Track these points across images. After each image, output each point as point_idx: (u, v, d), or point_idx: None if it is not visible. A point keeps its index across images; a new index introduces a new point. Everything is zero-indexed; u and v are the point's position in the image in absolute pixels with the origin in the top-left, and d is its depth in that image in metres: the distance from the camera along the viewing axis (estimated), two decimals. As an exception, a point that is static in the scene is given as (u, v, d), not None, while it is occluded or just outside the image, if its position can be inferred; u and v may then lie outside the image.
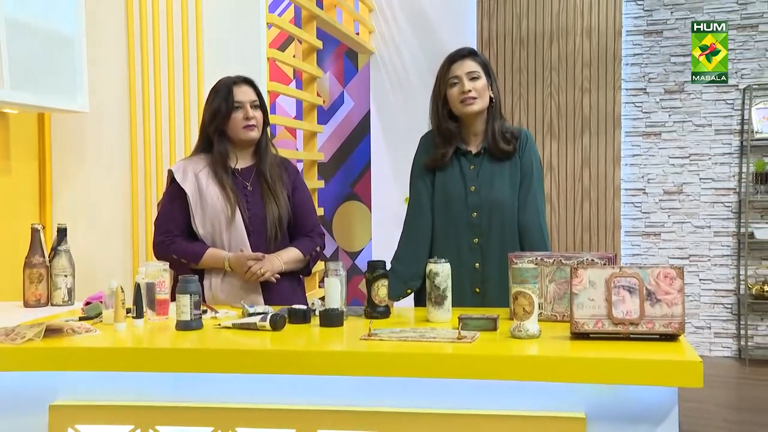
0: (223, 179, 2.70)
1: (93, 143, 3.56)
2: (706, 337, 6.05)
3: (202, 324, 2.20)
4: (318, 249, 2.82)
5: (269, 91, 3.69)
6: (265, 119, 2.79)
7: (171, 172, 2.75)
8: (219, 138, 2.73)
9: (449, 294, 2.27)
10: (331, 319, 2.18)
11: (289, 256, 2.73)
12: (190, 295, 2.14)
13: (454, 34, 5.30)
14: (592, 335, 1.91)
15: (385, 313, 2.32)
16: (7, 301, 2.90)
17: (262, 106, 2.78)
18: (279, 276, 2.68)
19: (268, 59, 3.68)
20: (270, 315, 2.15)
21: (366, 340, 1.98)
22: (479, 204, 2.66)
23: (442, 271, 2.26)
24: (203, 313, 2.29)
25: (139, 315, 2.23)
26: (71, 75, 3.28)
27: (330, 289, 2.20)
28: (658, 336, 1.90)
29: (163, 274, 2.32)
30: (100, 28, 3.51)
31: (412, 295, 2.74)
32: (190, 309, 2.14)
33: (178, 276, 2.21)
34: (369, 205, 5.70)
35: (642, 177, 6.11)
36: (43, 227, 2.77)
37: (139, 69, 3.53)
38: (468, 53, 2.70)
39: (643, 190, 6.12)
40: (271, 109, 3.39)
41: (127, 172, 3.55)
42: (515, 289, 1.99)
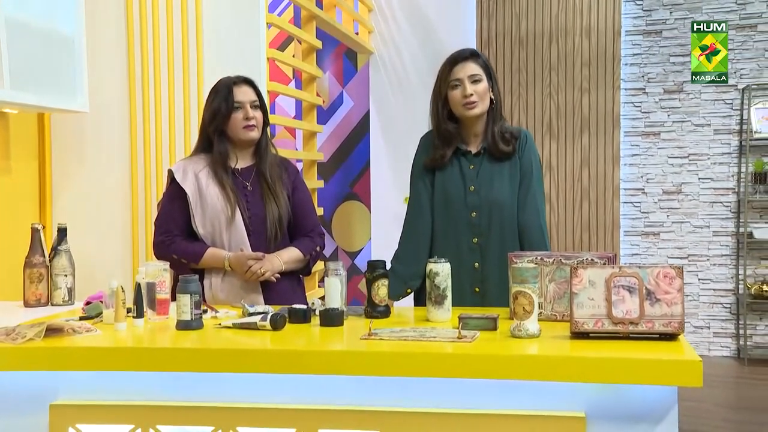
0: (223, 179, 2.70)
1: (93, 143, 3.56)
2: (705, 336, 6.06)
3: (203, 324, 2.20)
4: (318, 249, 2.82)
5: (269, 91, 3.69)
6: (265, 119, 2.79)
7: (171, 172, 2.75)
8: (219, 138, 2.73)
9: (449, 293, 2.27)
10: (331, 318, 2.18)
11: (289, 256, 2.73)
12: (191, 294, 2.15)
13: (453, 33, 5.31)
14: (591, 335, 1.92)
15: (385, 312, 2.32)
16: (7, 300, 2.90)
17: (262, 106, 2.78)
18: (279, 276, 2.68)
19: (268, 59, 3.68)
20: (270, 315, 2.16)
21: (366, 339, 1.99)
22: (479, 204, 2.67)
23: (442, 270, 2.26)
24: (203, 312, 2.29)
25: (139, 315, 2.23)
26: (71, 75, 3.28)
27: (330, 289, 2.20)
28: (658, 335, 1.90)
29: (163, 274, 2.33)
30: (100, 28, 3.52)
31: (411, 294, 2.74)
32: (191, 309, 2.15)
33: (179, 276, 2.22)
34: (368, 204, 5.70)
35: (641, 177, 6.12)
36: (43, 227, 2.77)
37: (139, 69, 3.54)
38: (470, 55, 2.69)
39: (642, 189, 6.13)
40: (270, 109, 3.39)
41: (127, 172, 3.55)
42: (515, 288, 2.00)
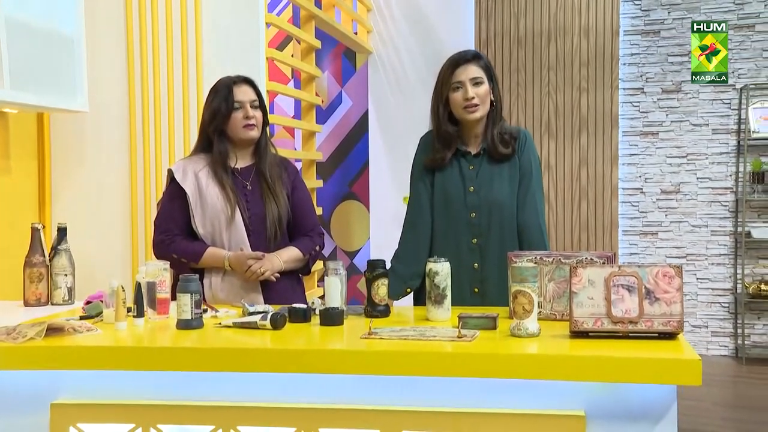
0: (223, 179, 2.71)
1: (93, 143, 3.56)
2: (703, 336, 6.06)
3: (203, 323, 2.20)
4: (317, 248, 2.83)
5: (268, 91, 3.70)
6: (265, 119, 2.80)
7: (171, 172, 2.75)
8: (219, 138, 2.73)
9: (449, 293, 2.27)
10: (331, 318, 2.18)
11: (289, 255, 2.74)
12: (191, 294, 2.15)
13: (452, 33, 5.32)
14: (591, 334, 1.92)
15: (385, 312, 2.32)
16: (7, 300, 2.91)
17: (262, 105, 2.78)
18: (279, 275, 2.68)
19: (267, 59, 3.68)
20: (270, 314, 2.16)
21: (366, 338, 1.99)
22: (478, 204, 2.67)
23: (441, 270, 2.27)
24: (204, 312, 2.29)
25: (139, 314, 2.24)
26: (71, 75, 3.28)
27: (330, 288, 2.21)
28: (657, 334, 1.90)
29: (163, 273, 2.33)
30: (100, 28, 3.52)
31: (411, 294, 2.75)
32: (191, 308, 2.15)
33: (179, 275, 2.22)
34: (367, 204, 5.70)
35: (639, 176, 6.13)
36: (43, 226, 2.77)
37: (139, 69, 3.54)
38: (472, 57, 2.67)
39: (641, 189, 6.14)
40: (269, 108, 3.39)
41: (126, 171, 3.55)
42: (515, 288, 2.00)
